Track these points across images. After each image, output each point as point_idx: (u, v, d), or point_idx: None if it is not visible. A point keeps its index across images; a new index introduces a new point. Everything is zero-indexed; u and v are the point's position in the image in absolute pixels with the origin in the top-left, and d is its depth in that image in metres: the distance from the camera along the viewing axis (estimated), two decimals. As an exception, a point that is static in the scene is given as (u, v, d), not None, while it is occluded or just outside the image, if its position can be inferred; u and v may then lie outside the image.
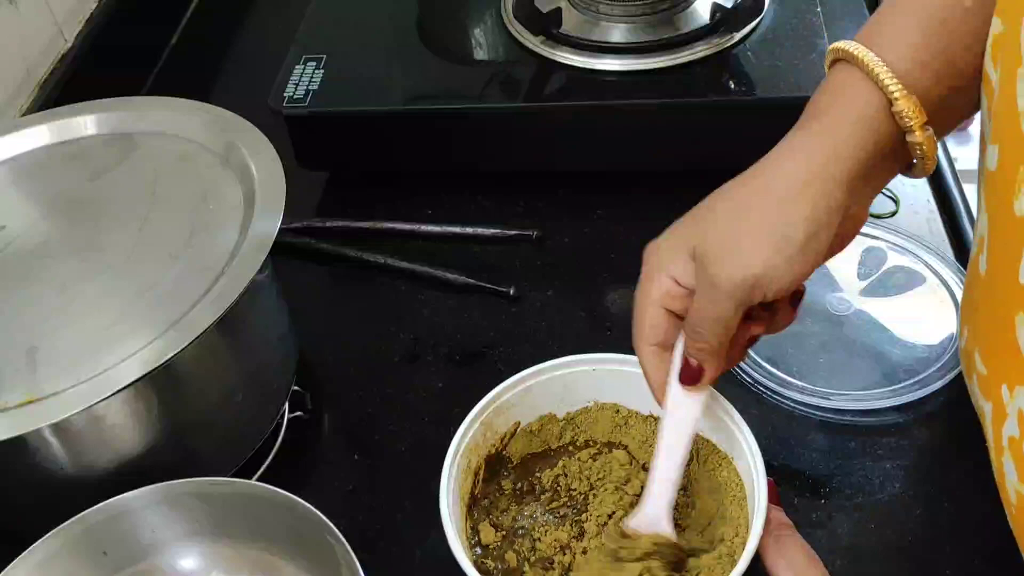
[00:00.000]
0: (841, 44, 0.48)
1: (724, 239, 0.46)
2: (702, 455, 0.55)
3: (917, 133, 0.46)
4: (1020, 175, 0.41)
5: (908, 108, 0.45)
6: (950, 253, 0.71)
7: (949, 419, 0.59)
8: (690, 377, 0.49)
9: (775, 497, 0.49)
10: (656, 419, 0.56)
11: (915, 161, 0.48)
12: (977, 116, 0.49)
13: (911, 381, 0.63)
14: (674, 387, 0.49)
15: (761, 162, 0.48)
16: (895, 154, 0.48)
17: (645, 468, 0.55)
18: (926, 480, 0.59)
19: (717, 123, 0.76)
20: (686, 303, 0.48)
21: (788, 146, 0.48)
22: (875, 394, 0.62)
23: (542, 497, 0.55)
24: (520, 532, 0.54)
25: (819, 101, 0.49)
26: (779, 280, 0.45)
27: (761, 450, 0.50)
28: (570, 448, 0.57)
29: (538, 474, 0.56)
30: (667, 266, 0.48)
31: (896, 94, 0.45)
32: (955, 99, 0.48)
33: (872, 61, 0.46)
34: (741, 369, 0.64)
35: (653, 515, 0.50)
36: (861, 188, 0.47)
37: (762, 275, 0.45)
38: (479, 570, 0.48)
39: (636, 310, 0.50)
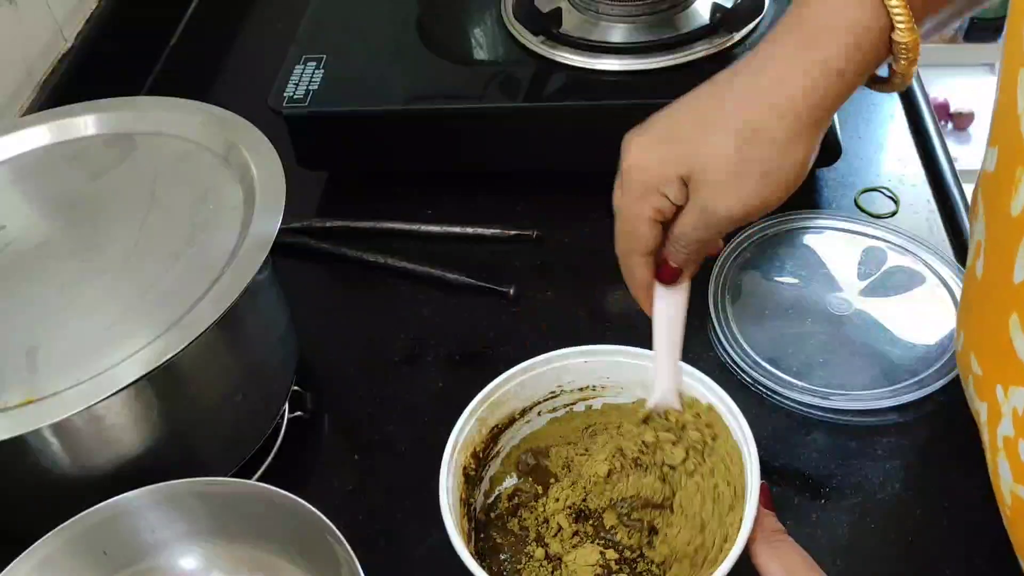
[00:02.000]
0: None
1: (725, 175, 0.48)
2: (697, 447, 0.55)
3: (908, 41, 0.46)
4: (1017, 176, 0.41)
5: (905, 17, 0.45)
6: (950, 253, 0.71)
7: (949, 419, 0.59)
8: (671, 276, 0.53)
9: (769, 502, 0.49)
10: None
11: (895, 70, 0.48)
12: (977, 115, 0.49)
13: (911, 381, 0.63)
14: (658, 286, 0.54)
15: (754, 70, 0.48)
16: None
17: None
18: (926, 480, 0.59)
19: (717, 123, 0.76)
20: (673, 214, 0.51)
21: (786, 63, 0.47)
22: (875, 394, 0.62)
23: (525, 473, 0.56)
24: (519, 521, 0.54)
25: (808, 17, 0.47)
26: (768, 210, 0.49)
27: (761, 450, 0.50)
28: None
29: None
30: (661, 186, 0.49)
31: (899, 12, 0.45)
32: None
33: None
34: (741, 369, 0.64)
35: (666, 388, 0.53)
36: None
37: (758, 209, 0.48)
38: (485, 565, 0.48)
39: (626, 223, 0.51)
